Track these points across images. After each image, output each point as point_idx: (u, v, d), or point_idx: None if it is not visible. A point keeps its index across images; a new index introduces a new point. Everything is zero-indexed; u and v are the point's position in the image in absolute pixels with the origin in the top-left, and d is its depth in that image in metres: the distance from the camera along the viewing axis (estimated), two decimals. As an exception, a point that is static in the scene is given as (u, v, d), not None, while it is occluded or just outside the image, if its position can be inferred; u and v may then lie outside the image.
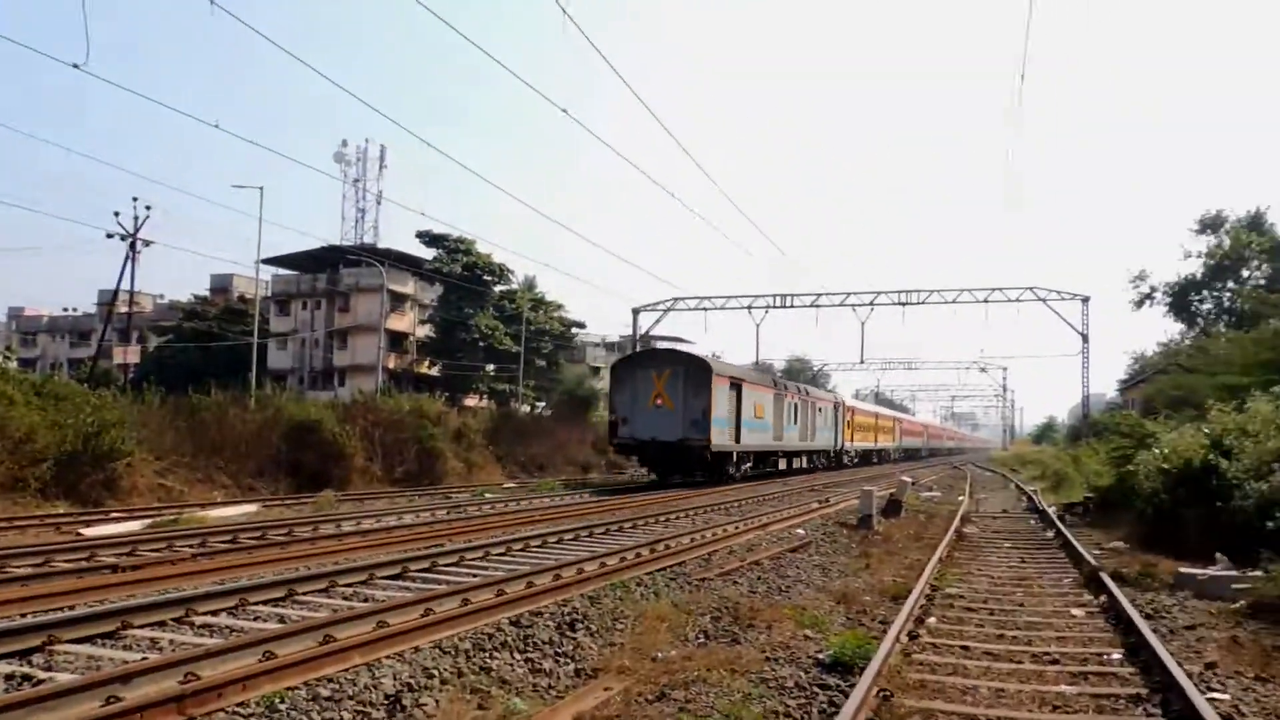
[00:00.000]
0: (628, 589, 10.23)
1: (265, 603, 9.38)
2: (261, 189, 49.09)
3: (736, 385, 33.42)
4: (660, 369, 31.35)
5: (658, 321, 54.56)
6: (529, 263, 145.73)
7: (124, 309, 44.40)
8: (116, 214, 38.29)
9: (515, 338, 61.45)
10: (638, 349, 55.18)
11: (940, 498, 27.51)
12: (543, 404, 62.33)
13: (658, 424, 30.66)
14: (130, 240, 37.71)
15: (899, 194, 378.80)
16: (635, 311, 53.84)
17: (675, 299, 53.54)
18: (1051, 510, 21.43)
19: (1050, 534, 17.44)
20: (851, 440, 54.54)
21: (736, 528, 16.59)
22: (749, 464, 35.93)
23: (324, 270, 69.48)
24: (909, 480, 24.08)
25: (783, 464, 40.94)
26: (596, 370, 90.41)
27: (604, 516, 18.90)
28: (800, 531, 16.56)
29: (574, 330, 76.19)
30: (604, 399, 57.47)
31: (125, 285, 38.91)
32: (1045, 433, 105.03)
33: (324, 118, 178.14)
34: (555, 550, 13.80)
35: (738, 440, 33.33)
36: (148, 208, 38.65)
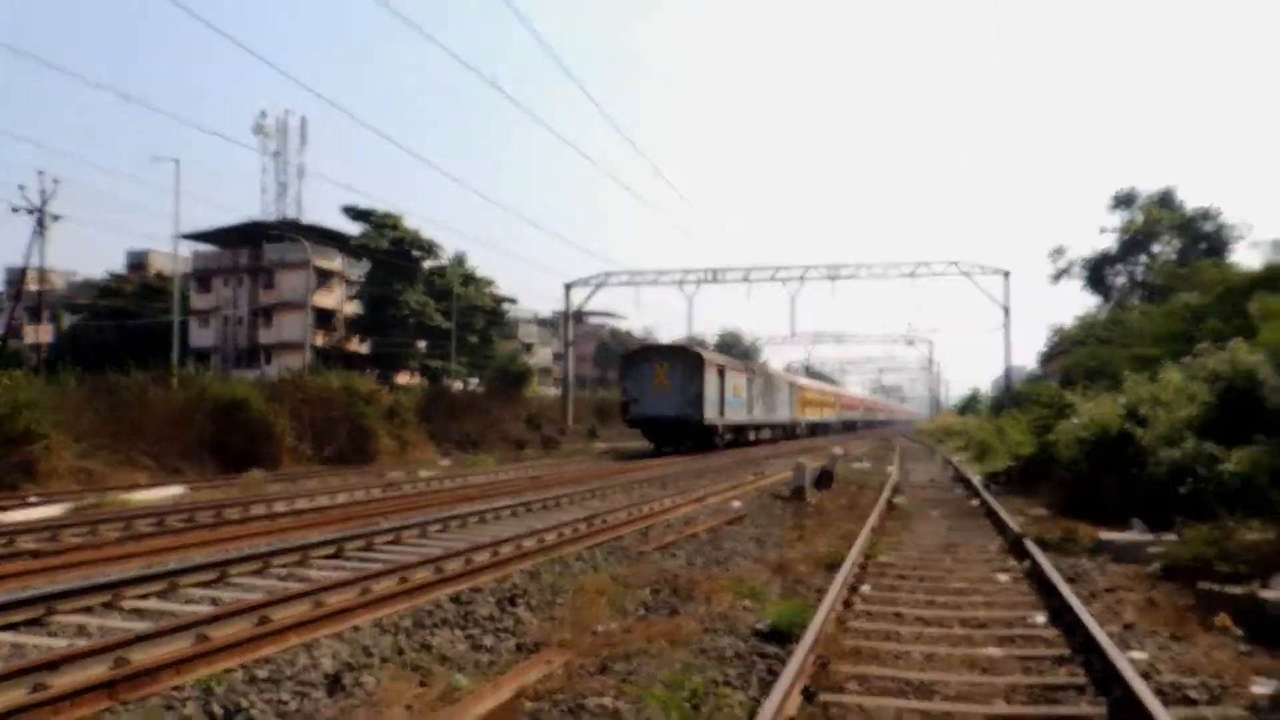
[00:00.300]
0: (566, 564, 10.26)
1: (197, 585, 9.20)
2: (177, 161, 47.61)
3: (721, 371, 39.50)
4: (662, 361, 38.00)
5: (590, 296, 54.48)
6: (459, 238, 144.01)
7: (34, 286, 42.73)
8: (22, 187, 36.73)
9: (446, 314, 60.76)
10: (570, 323, 55.39)
11: (870, 469, 28.06)
12: (476, 380, 61.84)
13: (661, 404, 36.94)
14: (38, 214, 36.24)
15: (834, 170, 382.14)
16: (568, 287, 53.73)
17: (607, 274, 53.55)
18: (976, 479, 22.00)
19: (975, 502, 17.98)
20: (803, 414, 59.94)
21: (673, 501, 16.74)
22: (730, 436, 42.04)
23: (246, 246, 67.68)
24: (840, 452, 24.56)
25: (752, 435, 46.70)
26: (529, 346, 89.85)
27: (540, 493, 18.90)
28: (736, 504, 16.78)
29: (506, 306, 75.47)
30: (537, 374, 57.29)
31: (34, 261, 37.44)
32: (970, 404, 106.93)
33: (244, 89, 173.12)
34: (493, 527, 13.77)
35: (722, 416, 39.50)
36: (55, 181, 37.18)
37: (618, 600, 9.01)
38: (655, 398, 37.17)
